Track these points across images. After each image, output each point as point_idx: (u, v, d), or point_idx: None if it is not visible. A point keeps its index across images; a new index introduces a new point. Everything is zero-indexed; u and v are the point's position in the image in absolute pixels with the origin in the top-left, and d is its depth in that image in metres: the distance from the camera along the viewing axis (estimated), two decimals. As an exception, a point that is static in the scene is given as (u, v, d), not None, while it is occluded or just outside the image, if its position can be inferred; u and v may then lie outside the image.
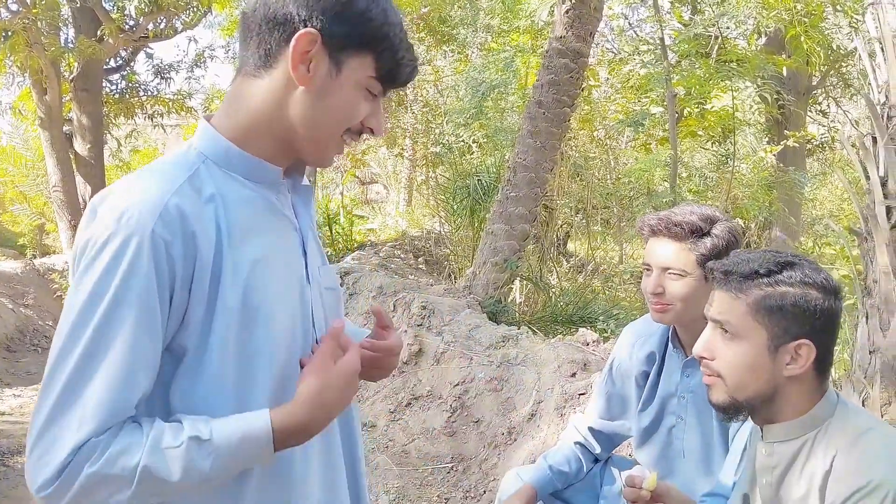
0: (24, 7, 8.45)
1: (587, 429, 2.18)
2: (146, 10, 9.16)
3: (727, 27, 8.23)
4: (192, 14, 10.02)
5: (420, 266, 8.84)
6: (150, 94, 10.88)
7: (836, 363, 3.52)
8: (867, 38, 2.88)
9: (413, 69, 1.15)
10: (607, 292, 7.42)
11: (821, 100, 11.64)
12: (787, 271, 1.33)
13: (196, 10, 9.80)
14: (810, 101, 10.87)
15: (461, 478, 3.70)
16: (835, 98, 11.55)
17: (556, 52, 5.82)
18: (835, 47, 9.16)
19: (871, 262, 2.58)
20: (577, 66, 5.83)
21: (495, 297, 5.51)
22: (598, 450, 2.18)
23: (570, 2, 5.74)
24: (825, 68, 10.09)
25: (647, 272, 1.88)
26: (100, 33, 9.02)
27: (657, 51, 8.43)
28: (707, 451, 1.92)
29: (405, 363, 4.48)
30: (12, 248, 11.23)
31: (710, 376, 1.39)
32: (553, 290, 6.81)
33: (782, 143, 8.60)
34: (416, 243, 9.86)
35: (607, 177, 9.00)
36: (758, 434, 1.44)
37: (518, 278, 6.24)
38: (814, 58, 9.03)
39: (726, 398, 1.37)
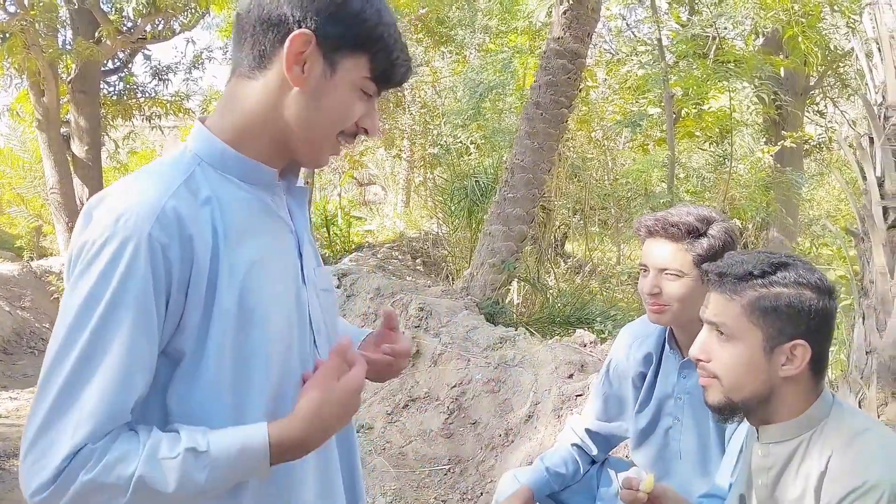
0: (21, 9, 8.44)
1: (584, 430, 2.18)
2: (144, 11, 9.16)
3: (725, 28, 8.23)
4: (189, 15, 10.02)
5: (418, 267, 8.85)
6: (147, 95, 10.87)
7: (833, 364, 3.52)
8: (864, 38, 2.89)
9: (408, 69, 1.14)
10: (605, 293, 7.42)
11: (818, 100, 11.66)
12: (781, 272, 1.33)
13: (194, 11, 9.80)
14: (808, 101, 10.89)
15: (458, 479, 3.69)
16: (832, 98, 11.57)
17: (553, 52, 5.83)
18: (832, 48, 9.18)
19: (868, 262, 2.58)
20: (574, 66, 5.83)
21: (493, 299, 5.51)
22: (594, 451, 2.17)
23: (568, 3, 5.74)
24: (822, 69, 10.11)
25: (644, 273, 1.88)
26: (97, 35, 9.02)
27: (655, 51, 8.43)
28: (704, 452, 1.92)
29: (403, 364, 4.48)
30: (9, 250, 11.22)
31: (707, 378, 1.39)
32: (550, 291, 6.81)
33: (780, 143, 8.62)
34: (414, 244, 9.87)
35: (605, 178, 9.00)
36: (754, 435, 1.44)
37: (515, 279, 6.24)
38: (811, 58, 9.04)
39: (722, 399, 1.37)
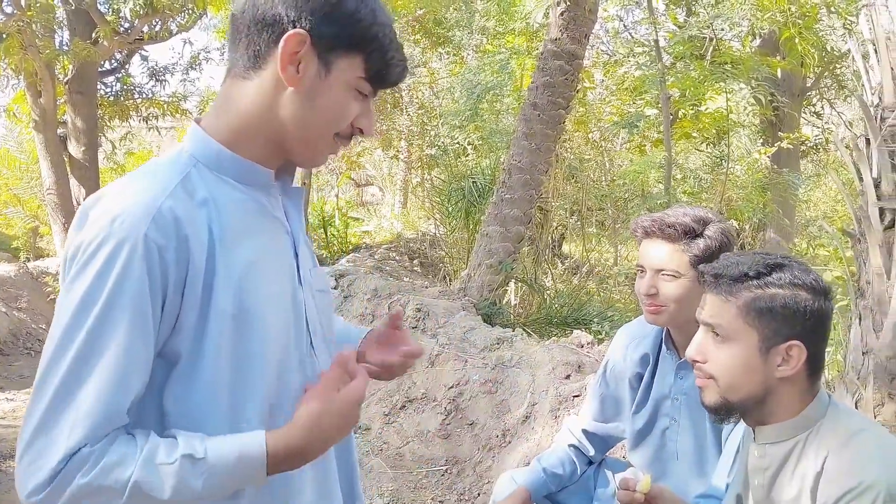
0: (18, 9, 8.42)
1: (581, 431, 2.18)
2: (141, 12, 9.13)
3: (722, 29, 8.24)
4: (187, 16, 9.99)
5: (415, 268, 8.85)
6: (145, 96, 10.85)
7: (830, 364, 3.52)
8: (861, 39, 2.88)
9: (403, 69, 1.14)
10: (602, 294, 7.42)
11: (815, 101, 11.67)
12: (777, 273, 1.33)
13: (191, 12, 9.77)
14: (804, 102, 10.90)
15: (455, 480, 3.69)
16: (829, 100, 11.58)
17: (551, 54, 5.83)
18: (829, 49, 9.18)
19: (865, 263, 2.58)
20: (571, 67, 5.84)
21: (490, 300, 5.51)
22: (591, 452, 2.17)
23: (565, 4, 5.75)
24: (819, 70, 10.11)
25: (641, 274, 1.88)
26: (94, 36, 9.00)
27: (652, 53, 8.43)
28: (700, 452, 1.92)
29: (400, 365, 4.47)
30: (6, 250, 11.19)
31: (703, 379, 1.39)
32: (548, 291, 6.81)
33: (776, 144, 8.62)
34: (412, 245, 9.87)
35: (602, 178, 9.01)
36: (750, 435, 1.44)
37: (513, 280, 6.24)
38: (808, 59, 9.03)
39: (719, 400, 1.37)
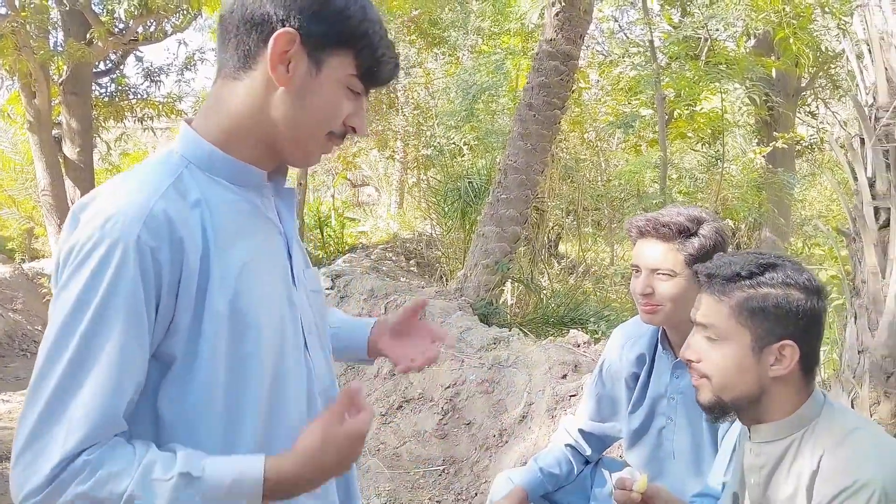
0: (12, 10, 8.40)
1: (578, 431, 2.18)
2: (136, 13, 9.11)
3: (716, 29, 8.26)
4: (181, 17, 9.98)
5: (411, 268, 8.85)
6: (139, 97, 10.83)
7: (826, 363, 3.53)
8: (855, 39, 2.88)
9: (394, 66, 1.14)
10: (598, 294, 7.43)
11: (810, 101, 11.70)
12: (769, 273, 1.34)
13: (186, 13, 9.76)
14: (799, 102, 10.93)
15: (453, 480, 3.69)
16: (823, 99, 11.61)
17: (546, 54, 5.84)
18: (823, 49, 9.21)
19: (860, 262, 2.58)
20: (567, 68, 5.85)
21: (486, 299, 5.52)
22: (588, 451, 2.18)
23: (560, 4, 5.76)
24: (814, 70, 10.14)
25: (636, 274, 1.88)
26: (89, 36, 8.98)
27: (647, 53, 8.46)
28: (697, 452, 1.92)
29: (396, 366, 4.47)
30: (1, 252, 11.17)
31: (698, 378, 1.40)
32: (544, 291, 6.81)
33: (771, 144, 8.64)
34: (408, 246, 9.87)
35: (598, 178, 9.02)
36: (746, 434, 1.44)
37: (509, 280, 6.24)
38: (802, 59, 9.06)
39: (713, 399, 1.37)
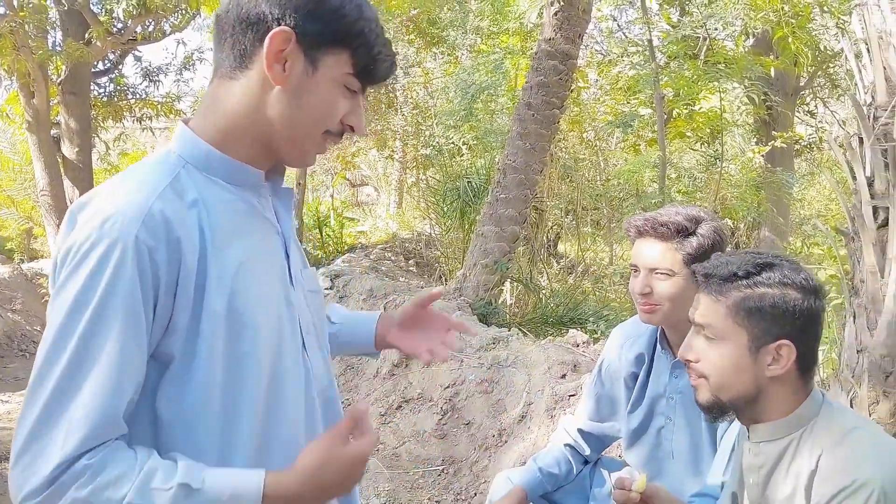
0: (11, 10, 8.39)
1: (577, 430, 2.18)
2: (134, 12, 9.09)
3: (715, 28, 8.26)
4: (180, 17, 9.95)
5: (410, 268, 8.85)
6: (138, 97, 10.80)
7: (825, 362, 3.53)
8: (853, 39, 2.89)
9: (391, 64, 1.13)
10: (597, 293, 7.43)
11: (808, 100, 11.71)
12: (766, 273, 1.33)
13: (184, 12, 9.74)
14: (798, 101, 10.93)
15: (452, 480, 3.69)
16: (822, 99, 11.61)
17: (545, 53, 5.84)
18: (822, 48, 9.21)
19: (859, 261, 2.58)
20: (566, 67, 5.85)
21: (486, 299, 5.51)
22: (587, 451, 2.18)
23: (559, 4, 5.76)
24: (812, 69, 10.14)
25: (635, 273, 1.88)
26: (88, 36, 8.96)
27: (646, 52, 8.45)
28: (696, 451, 1.92)
29: (395, 366, 4.47)
30: (0, 252, 11.16)
31: (696, 378, 1.40)
32: (543, 291, 6.81)
33: (770, 143, 8.64)
34: (407, 245, 9.88)
35: (597, 178, 9.03)
36: (744, 434, 1.44)
37: (508, 280, 6.24)
38: (801, 59, 9.07)
39: (711, 399, 1.37)
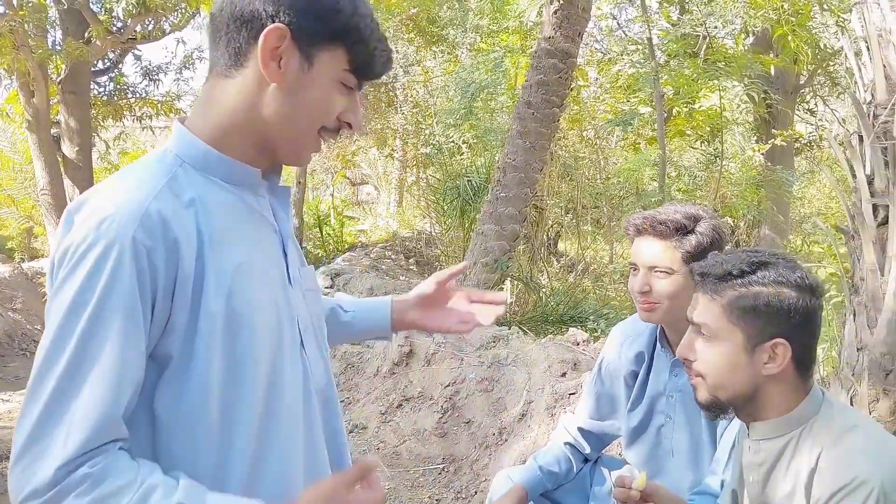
0: (10, 9, 8.38)
1: (577, 429, 2.18)
2: (134, 11, 9.09)
3: (715, 27, 8.26)
4: (180, 16, 9.95)
5: (411, 267, 8.85)
6: (138, 96, 10.79)
7: (825, 360, 3.53)
8: (853, 37, 2.88)
9: (387, 60, 1.13)
10: (597, 292, 7.43)
11: (808, 98, 11.71)
12: (761, 271, 1.33)
13: (184, 11, 9.73)
14: (798, 99, 10.93)
15: (452, 478, 3.69)
16: (822, 97, 11.61)
17: (544, 52, 5.84)
18: (822, 46, 9.21)
19: (859, 259, 2.58)
20: (565, 66, 5.85)
21: (485, 298, 5.50)
22: (587, 450, 2.18)
23: (559, 2, 5.75)
24: (812, 67, 10.15)
25: (634, 272, 1.88)
26: (87, 35, 8.95)
27: (645, 51, 8.46)
28: (696, 449, 1.92)
29: (396, 364, 4.48)
30: (0, 251, 11.16)
31: (694, 377, 1.40)
32: (543, 290, 6.81)
33: (770, 141, 8.64)
34: (407, 244, 9.88)
35: (597, 176, 9.03)
36: (744, 432, 1.44)
37: (508, 278, 6.24)
38: (801, 57, 9.08)
39: (709, 398, 1.38)
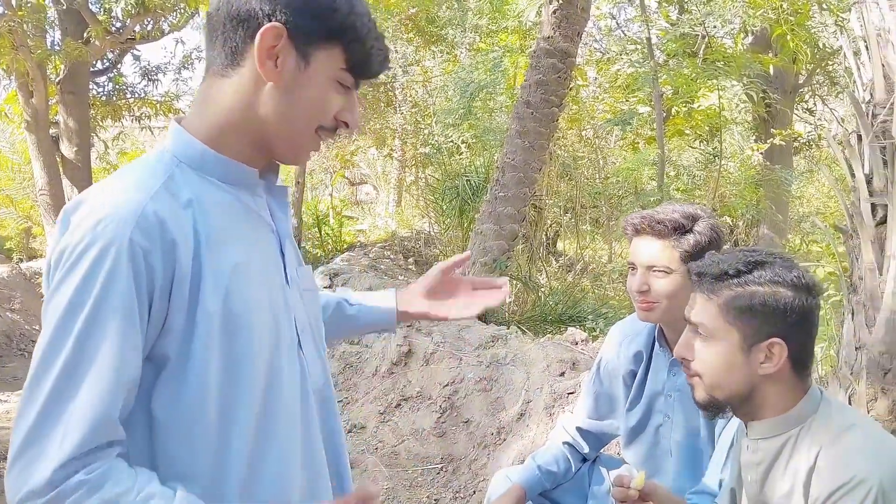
0: (9, 9, 8.38)
1: (575, 428, 2.18)
2: (133, 11, 9.08)
3: (714, 26, 8.26)
4: (179, 16, 9.94)
5: (410, 266, 8.84)
6: (137, 96, 10.78)
7: (823, 359, 3.53)
8: (852, 36, 2.89)
9: (384, 59, 1.13)
10: (596, 291, 7.43)
11: (807, 98, 11.71)
12: (757, 271, 1.33)
13: (183, 11, 9.72)
14: (797, 99, 10.93)
15: (451, 478, 3.69)
16: (821, 96, 11.62)
17: (543, 52, 5.83)
18: (821, 46, 9.21)
19: (857, 258, 2.59)
20: (564, 65, 5.84)
21: (484, 298, 5.50)
22: (586, 449, 2.18)
23: (558, 2, 5.75)
24: (811, 67, 10.15)
25: (633, 271, 1.88)
26: (86, 35, 8.95)
27: (644, 50, 8.45)
28: (694, 449, 1.92)
29: (394, 364, 4.47)
30: (-1, 251, 11.16)
31: (691, 376, 1.40)
32: (542, 289, 6.81)
33: (769, 141, 8.64)
34: (406, 244, 9.87)
35: (596, 176, 9.03)
36: (743, 431, 1.44)
37: (507, 278, 6.23)
38: (800, 56, 9.08)
39: (707, 397, 1.38)
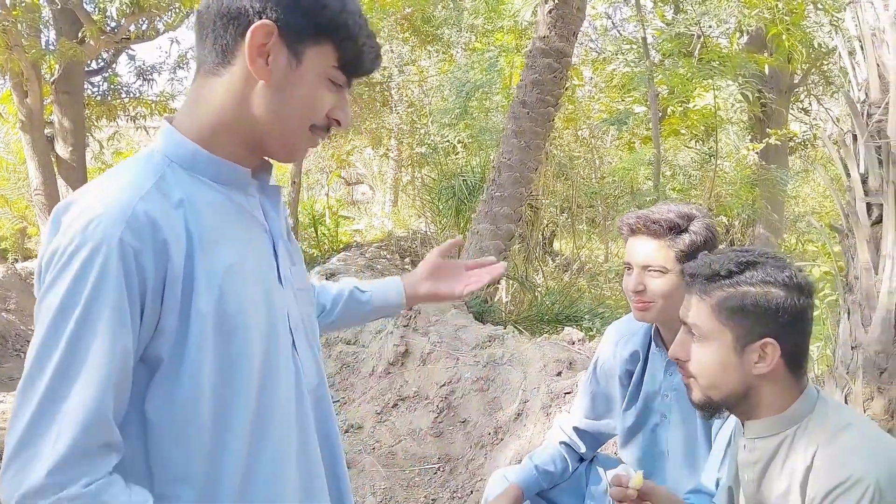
0: (3, 9, 8.35)
1: (572, 428, 2.18)
2: (128, 11, 9.07)
3: (709, 26, 8.27)
4: (174, 15, 9.92)
5: (406, 267, 8.84)
6: (132, 96, 10.76)
7: (819, 359, 3.54)
8: (847, 36, 2.89)
9: (376, 56, 1.12)
10: (593, 291, 7.44)
11: (802, 98, 11.73)
12: (749, 271, 1.33)
13: (178, 11, 9.71)
14: (792, 99, 10.95)
15: (448, 478, 3.69)
16: (816, 96, 11.64)
17: (539, 51, 5.84)
18: (816, 45, 9.23)
19: (853, 258, 2.59)
20: (560, 65, 5.85)
21: (481, 297, 5.51)
22: (583, 449, 2.18)
23: (553, 2, 5.75)
24: (806, 66, 10.17)
25: (628, 271, 1.88)
26: (81, 35, 8.93)
27: (640, 50, 8.46)
28: (691, 448, 1.92)
29: (391, 364, 4.47)
30: (-6, 252, 11.13)
31: (686, 377, 1.40)
32: (539, 289, 6.82)
33: (764, 140, 8.65)
34: (402, 244, 9.87)
35: (592, 176, 9.04)
36: (740, 430, 1.45)
37: (504, 278, 6.24)
38: (795, 56, 9.09)
39: (702, 398, 1.38)
